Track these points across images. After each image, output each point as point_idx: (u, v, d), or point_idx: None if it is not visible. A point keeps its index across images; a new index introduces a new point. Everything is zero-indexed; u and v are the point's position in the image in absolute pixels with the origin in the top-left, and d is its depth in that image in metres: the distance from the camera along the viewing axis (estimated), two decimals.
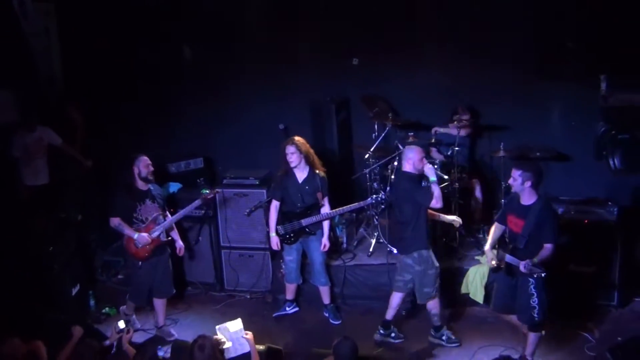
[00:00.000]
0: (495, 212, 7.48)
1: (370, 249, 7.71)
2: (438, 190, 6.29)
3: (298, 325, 7.33)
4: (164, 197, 7.18)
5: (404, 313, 7.10)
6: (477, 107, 8.27)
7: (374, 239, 7.77)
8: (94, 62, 8.78)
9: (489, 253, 6.01)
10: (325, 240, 7.09)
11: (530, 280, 5.74)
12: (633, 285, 7.18)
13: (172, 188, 8.19)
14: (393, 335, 6.79)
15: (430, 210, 6.51)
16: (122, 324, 5.82)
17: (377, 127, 8.22)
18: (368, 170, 7.84)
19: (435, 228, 7.17)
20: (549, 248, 5.66)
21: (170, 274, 7.07)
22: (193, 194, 7.16)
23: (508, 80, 8.12)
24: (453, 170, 7.62)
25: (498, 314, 6.37)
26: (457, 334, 6.76)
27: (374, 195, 7.03)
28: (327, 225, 7.10)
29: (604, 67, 7.33)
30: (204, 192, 6.99)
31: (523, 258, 5.61)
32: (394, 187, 6.83)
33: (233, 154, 8.98)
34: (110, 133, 9.00)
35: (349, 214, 8.31)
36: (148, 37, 8.84)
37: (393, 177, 7.62)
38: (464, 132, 7.98)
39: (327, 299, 7.35)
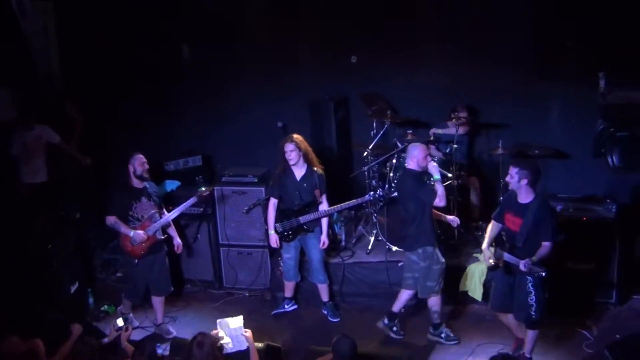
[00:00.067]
0: (494, 210, 7.48)
1: (369, 247, 7.71)
2: (442, 189, 6.30)
3: (297, 323, 7.33)
4: (161, 195, 7.18)
5: (402, 310, 7.10)
6: (476, 105, 8.27)
7: (373, 237, 7.77)
8: (93, 60, 8.78)
9: (487, 252, 5.99)
10: (324, 238, 7.10)
11: (529, 279, 5.73)
12: (631, 283, 7.19)
13: (170, 186, 8.20)
14: (395, 330, 6.78)
15: (434, 210, 6.53)
16: (120, 322, 5.84)
17: (375, 125, 8.22)
18: (366, 168, 7.83)
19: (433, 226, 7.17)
20: (547, 246, 5.66)
21: (168, 272, 7.07)
22: (191, 192, 7.14)
23: (507, 79, 8.11)
24: (451, 168, 7.62)
25: (495, 313, 6.36)
26: (455, 332, 6.76)
27: (372, 192, 7.03)
28: (325, 223, 7.11)
29: (603, 65, 7.33)
30: (201, 189, 7.00)
31: (521, 256, 5.60)
32: (399, 184, 6.83)
33: (232, 152, 8.98)
34: (109, 131, 9.00)
35: (348, 212, 8.30)
36: (147, 35, 8.83)
37: (392, 174, 7.64)
38: (463, 130, 7.99)
39: (325, 297, 7.36)
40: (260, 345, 5.76)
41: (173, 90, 9.08)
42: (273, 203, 7.10)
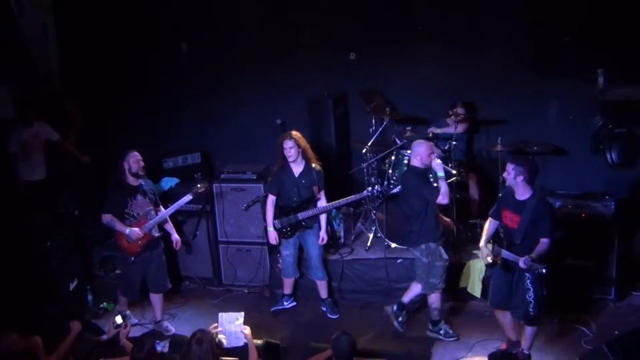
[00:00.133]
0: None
1: (368, 244, 7.70)
2: (445, 187, 6.30)
3: (296, 320, 7.33)
4: (157, 192, 7.17)
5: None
6: (475, 102, 8.28)
7: (372, 234, 7.77)
8: (92, 58, 8.76)
9: (484, 249, 5.98)
10: (323, 234, 7.10)
11: (527, 275, 5.74)
12: (630, 280, 7.21)
13: (169, 183, 8.18)
14: (400, 320, 6.76)
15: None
16: (119, 319, 5.84)
17: (374, 121, 8.21)
18: (365, 165, 7.83)
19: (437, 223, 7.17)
20: (546, 243, 5.66)
21: (165, 269, 7.07)
22: (190, 189, 7.14)
23: (506, 76, 8.11)
24: (451, 165, 7.61)
25: (493, 311, 6.36)
26: (455, 328, 6.78)
27: (370, 187, 7.04)
28: (324, 219, 7.11)
29: (602, 61, 7.33)
30: (196, 186, 7.00)
31: (519, 253, 5.60)
32: (402, 181, 6.85)
33: (230, 149, 8.96)
34: (108, 128, 8.98)
35: (347, 208, 8.30)
36: (146, 32, 8.81)
37: (390, 171, 7.64)
38: (462, 128, 7.98)
39: (324, 294, 7.36)
40: (259, 342, 5.76)
41: (172, 88, 9.06)
42: (271, 200, 7.10)
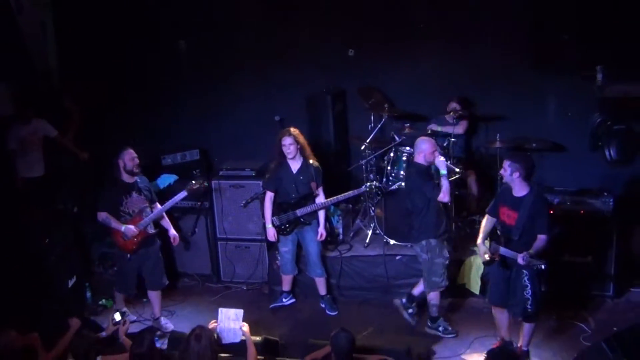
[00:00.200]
0: None
1: (367, 240, 7.71)
2: (447, 184, 6.28)
3: (294, 317, 7.34)
4: (154, 190, 7.17)
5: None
6: (474, 98, 8.28)
7: (370, 230, 7.77)
8: (90, 54, 8.75)
9: (482, 247, 5.97)
10: (322, 230, 7.10)
11: (525, 272, 5.74)
12: (629, 276, 7.22)
13: (168, 180, 8.17)
14: (410, 312, 6.81)
15: None
16: (118, 316, 5.82)
17: (373, 118, 8.21)
18: (364, 162, 7.83)
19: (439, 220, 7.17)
20: (543, 239, 5.66)
21: (162, 266, 7.07)
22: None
23: (505, 72, 8.12)
24: (449, 162, 7.61)
25: (492, 308, 6.36)
26: (453, 325, 6.79)
27: (368, 183, 7.04)
28: (322, 215, 7.11)
29: (600, 58, 7.33)
30: (191, 183, 6.99)
31: (517, 250, 5.61)
32: (406, 177, 6.86)
33: (229, 146, 8.95)
34: (107, 125, 8.97)
35: (345, 205, 8.30)
36: (144, 29, 8.80)
37: (389, 168, 7.63)
38: (461, 128, 7.98)
39: (323, 290, 7.36)
40: (258, 339, 5.76)
41: (171, 85, 9.05)
42: (269, 196, 7.09)
